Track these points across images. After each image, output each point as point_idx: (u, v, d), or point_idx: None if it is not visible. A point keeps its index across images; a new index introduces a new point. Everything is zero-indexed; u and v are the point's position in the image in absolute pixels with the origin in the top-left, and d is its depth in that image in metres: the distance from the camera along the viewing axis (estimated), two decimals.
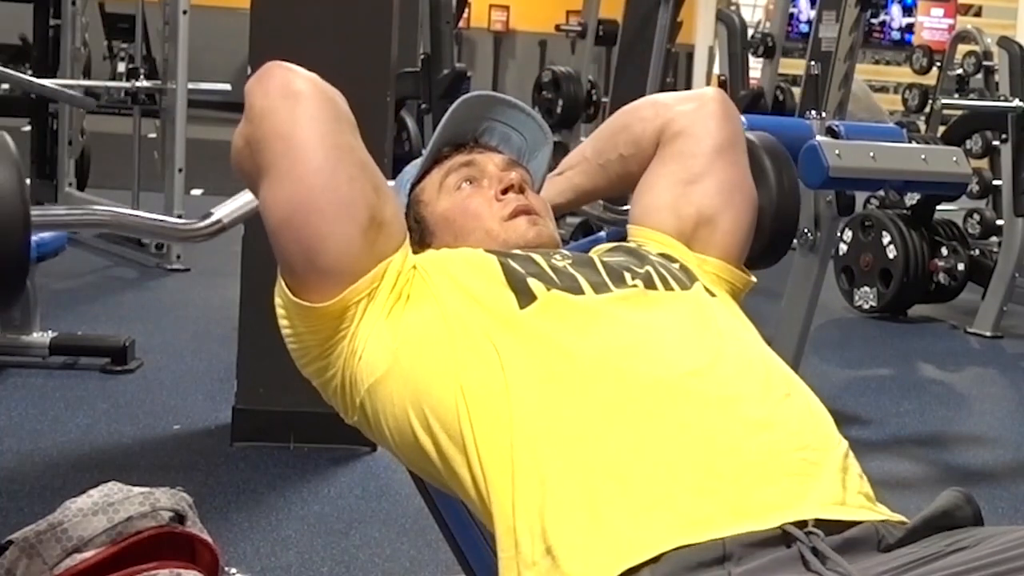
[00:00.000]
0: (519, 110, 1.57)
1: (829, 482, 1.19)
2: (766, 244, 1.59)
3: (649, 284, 1.36)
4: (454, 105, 1.54)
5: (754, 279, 1.52)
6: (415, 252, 1.39)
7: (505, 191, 1.48)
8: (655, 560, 1.08)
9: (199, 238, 1.62)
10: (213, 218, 1.58)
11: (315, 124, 1.31)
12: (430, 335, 1.29)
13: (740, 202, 1.52)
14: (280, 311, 1.36)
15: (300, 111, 1.31)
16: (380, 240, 1.32)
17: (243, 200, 1.61)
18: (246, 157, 1.35)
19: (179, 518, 1.83)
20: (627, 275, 1.36)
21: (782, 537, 1.10)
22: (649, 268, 1.39)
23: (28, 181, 1.38)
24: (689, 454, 1.17)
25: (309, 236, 1.30)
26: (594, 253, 1.46)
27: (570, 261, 1.38)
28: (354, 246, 1.30)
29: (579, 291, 1.32)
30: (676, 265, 1.43)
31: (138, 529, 1.77)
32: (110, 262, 5.67)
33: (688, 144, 1.51)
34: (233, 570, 2.02)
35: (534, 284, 1.31)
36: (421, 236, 1.47)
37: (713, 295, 1.41)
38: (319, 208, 1.29)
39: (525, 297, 1.29)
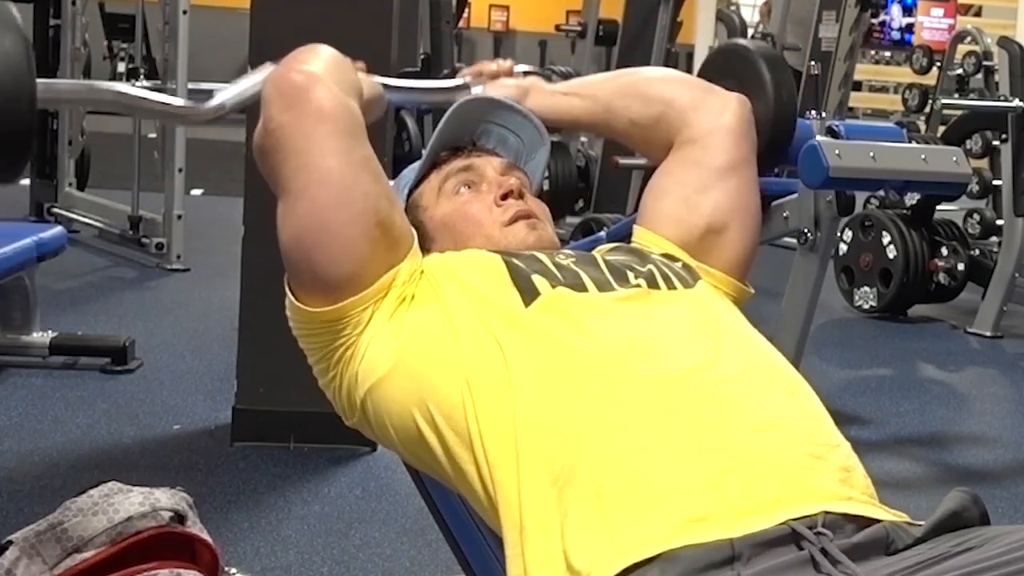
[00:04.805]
0: (516, 112, 1.57)
1: (835, 478, 1.19)
2: (762, 152, 1.58)
3: (652, 283, 1.36)
4: (451, 109, 1.54)
5: (752, 291, 1.52)
6: None
7: (505, 196, 1.48)
8: (663, 559, 1.08)
9: (200, 121, 1.56)
10: (216, 102, 1.52)
11: (333, 142, 1.30)
12: (434, 333, 1.29)
13: (748, 219, 1.52)
14: (287, 312, 1.37)
15: (320, 132, 1.30)
16: (389, 251, 1.33)
17: (247, 84, 1.52)
18: (264, 162, 1.35)
19: (179, 518, 1.83)
20: (630, 274, 1.36)
21: (791, 537, 1.10)
22: (651, 267, 1.39)
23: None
24: (694, 452, 1.18)
25: (318, 254, 1.31)
26: (596, 252, 1.47)
27: (574, 259, 1.38)
28: (362, 261, 1.31)
29: (583, 288, 1.32)
30: (679, 264, 1.43)
31: (138, 529, 1.77)
32: (110, 262, 5.67)
33: (705, 156, 1.51)
34: (233, 570, 2.02)
35: (539, 281, 1.31)
36: (420, 241, 1.48)
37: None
38: (330, 229, 1.30)
39: (530, 294, 1.30)
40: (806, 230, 3.20)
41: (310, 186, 1.30)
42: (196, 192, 7.07)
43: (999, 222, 5.85)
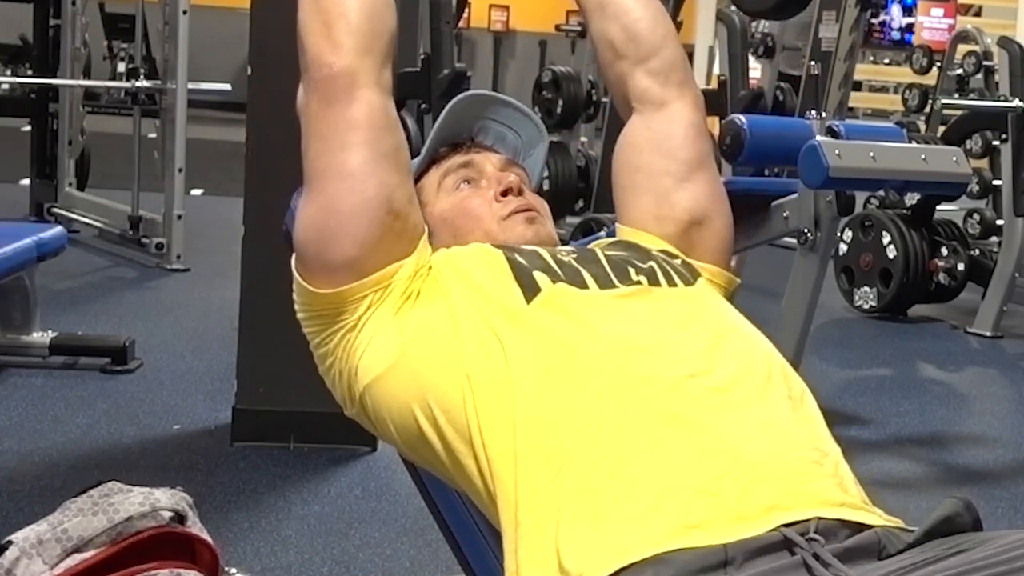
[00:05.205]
0: (514, 108, 1.58)
1: (831, 483, 1.19)
2: None
3: (653, 280, 1.37)
4: (450, 105, 1.55)
5: (739, 280, 1.53)
6: None
7: (505, 193, 1.48)
8: (656, 561, 1.08)
9: None
10: None
11: (360, 136, 1.34)
12: (438, 329, 1.30)
13: (724, 208, 1.54)
14: (294, 295, 1.40)
15: (345, 127, 1.34)
16: (397, 240, 1.35)
17: None
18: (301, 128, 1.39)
19: (179, 518, 1.83)
20: (631, 270, 1.37)
21: (784, 543, 1.10)
22: (653, 264, 1.39)
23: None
24: (690, 454, 1.17)
25: (326, 236, 1.33)
26: (596, 246, 1.47)
27: (575, 256, 1.39)
28: (367, 249, 1.33)
29: (583, 285, 1.33)
30: (678, 261, 1.44)
31: (138, 529, 1.77)
32: (110, 262, 5.67)
33: (672, 146, 1.51)
34: (233, 570, 2.01)
35: (540, 277, 1.32)
36: None
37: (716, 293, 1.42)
38: (340, 215, 1.33)
39: (531, 291, 1.31)
40: (806, 230, 3.19)
41: (328, 170, 1.34)
42: (196, 192, 7.06)
43: (999, 222, 5.86)
